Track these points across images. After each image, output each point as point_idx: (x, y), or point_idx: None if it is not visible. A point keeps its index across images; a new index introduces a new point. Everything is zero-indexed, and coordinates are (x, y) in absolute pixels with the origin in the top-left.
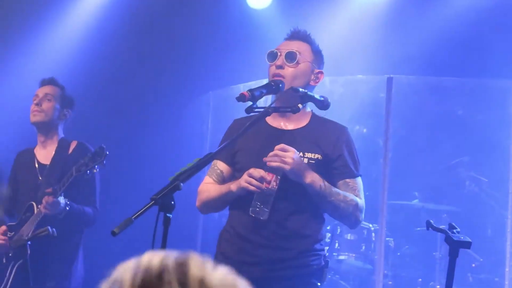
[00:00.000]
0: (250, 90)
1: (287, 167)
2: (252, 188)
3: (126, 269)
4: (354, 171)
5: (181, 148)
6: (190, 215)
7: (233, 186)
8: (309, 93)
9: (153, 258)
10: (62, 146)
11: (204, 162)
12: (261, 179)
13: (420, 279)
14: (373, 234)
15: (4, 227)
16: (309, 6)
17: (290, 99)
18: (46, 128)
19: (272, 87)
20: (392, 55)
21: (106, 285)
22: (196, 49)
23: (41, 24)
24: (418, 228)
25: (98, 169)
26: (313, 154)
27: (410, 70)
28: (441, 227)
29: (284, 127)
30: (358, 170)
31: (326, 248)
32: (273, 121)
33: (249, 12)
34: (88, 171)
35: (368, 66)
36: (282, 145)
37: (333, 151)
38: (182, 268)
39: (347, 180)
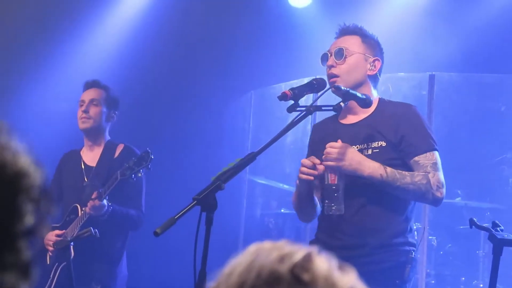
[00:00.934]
0: (292, 89)
1: (337, 163)
2: (305, 177)
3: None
4: (422, 146)
5: (223, 148)
6: (232, 215)
7: (297, 181)
8: (351, 91)
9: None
10: (108, 149)
11: (246, 162)
12: (313, 167)
13: (463, 278)
14: (416, 233)
15: (56, 231)
16: (350, 4)
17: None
18: (94, 133)
19: (314, 86)
20: (434, 52)
21: (222, 278)
22: (237, 49)
23: (84, 25)
24: (461, 226)
25: (143, 173)
26: (376, 142)
27: (452, 67)
28: (484, 225)
29: (349, 121)
30: (428, 145)
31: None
32: (342, 116)
33: (290, 11)
34: (133, 175)
35: (409, 64)
36: (331, 143)
37: (395, 135)
38: (308, 264)
39: (416, 158)
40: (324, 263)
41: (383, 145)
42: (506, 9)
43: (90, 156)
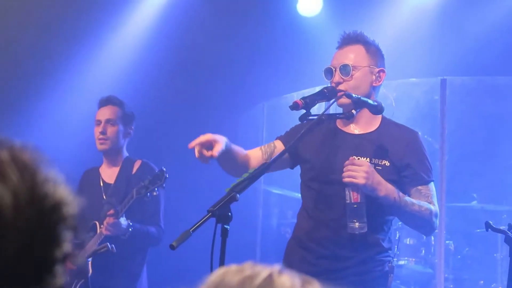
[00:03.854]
0: (303, 98)
1: (360, 181)
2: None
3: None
4: (425, 177)
5: None
6: (248, 226)
7: None
8: (362, 98)
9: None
10: (126, 166)
11: (259, 172)
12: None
13: (482, 281)
14: (433, 238)
15: None
16: (360, 11)
17: (345, 105)
18: (113, 152)
19: (326, 94)
20: (445, 56)
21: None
22: (247, 60)
23: (97, 36)
24: (478, 230)
25: (157, 192)
26: (380, 160)
27: (463, 71)
28: (501, 227)
29: (353, 132)
30: (430, 176)
31: (394, 259)
32: (343, 124)
33: (299, 20)
34: (148, 194)
35: (421, 69)
36: (353, 159)
37: (401, 159)
38: (270, 286)
39: (419, 187)
40: (286, 281)
41: (386, 164)
42: None
43: (109, 173)
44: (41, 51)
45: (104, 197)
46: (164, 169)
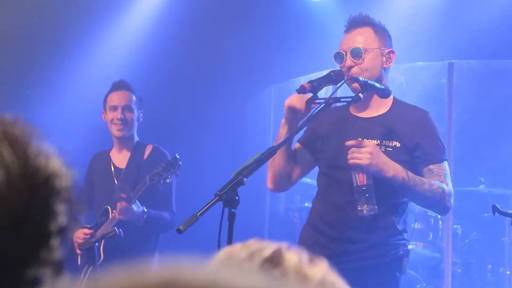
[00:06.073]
0: (310, 82)
1: (364, 162)
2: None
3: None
4: (437, 156)
5: (244, 143)
6: (256, 210)
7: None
8: (369, 81)
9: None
10: (137, 151)
11: (267, 156)
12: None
13: (490, 266)
14: (440, 222)
15: (85, 230)
16: None
17: (357, 89)
18: (127, 138)
19: (333, 78)
20: (452, 39)
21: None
22: (255, 44)
23: (102, 25)
24: (486, 214)
25: (171, 179)
26: (390, 142)
27: (471, 54)
28: (508, 211)
29: (364, 115)
30: (442, 155)
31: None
32: (355, 109)
33: (307, 4)
34: (162, 181)
35: (428, 52)
36: (357, 141)
37: (411, 139)
38: (278, 259)
39: (431, 166)
40: (294, 256)
41: (397, 145)
42: None
43: (119, 158)
44: (48, 36)
45: (116, 182)
46: (178, 156)
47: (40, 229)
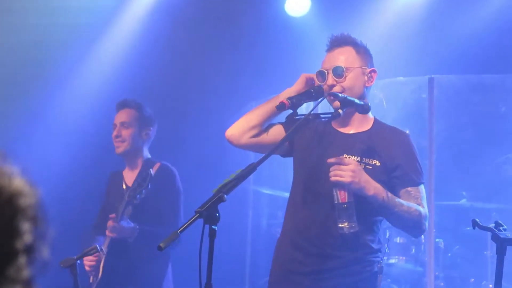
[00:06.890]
0: (290, 98)
1: (346, 180)
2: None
3: None
4: (415, 179)
5: (224, 160)
6: (238, 226)
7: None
8: (348, 98)
9: None
10: (145, 168)
11: (247, 173)
12: None
13: (472, 279)
14: (423, 236)
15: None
16: (347, 11)
17: (338, 106)
18: (131, 155)
19: (312, 94)
20: (433, 55)
21: None
22: (238, 59)
23: (92, 34)
24: (468, 228)
25: (144, 194)
26: (371, 159)
27: (451, 69)
28: (490, 225)
29: (346, 131)
30: (420, 178)
31: (385, 258)
32: (338, 125)
33: (288, 20)
34: (138, 196)
35: (408, 68)
36: (339, 158)
37: (392, 160)
38: None
39: (409, 188)
40: None
41: (377, 164)
42: (504, 9)
43: (130, 176)
44: (41, 50)
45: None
46: (151, 170)
47: (5, 248)
